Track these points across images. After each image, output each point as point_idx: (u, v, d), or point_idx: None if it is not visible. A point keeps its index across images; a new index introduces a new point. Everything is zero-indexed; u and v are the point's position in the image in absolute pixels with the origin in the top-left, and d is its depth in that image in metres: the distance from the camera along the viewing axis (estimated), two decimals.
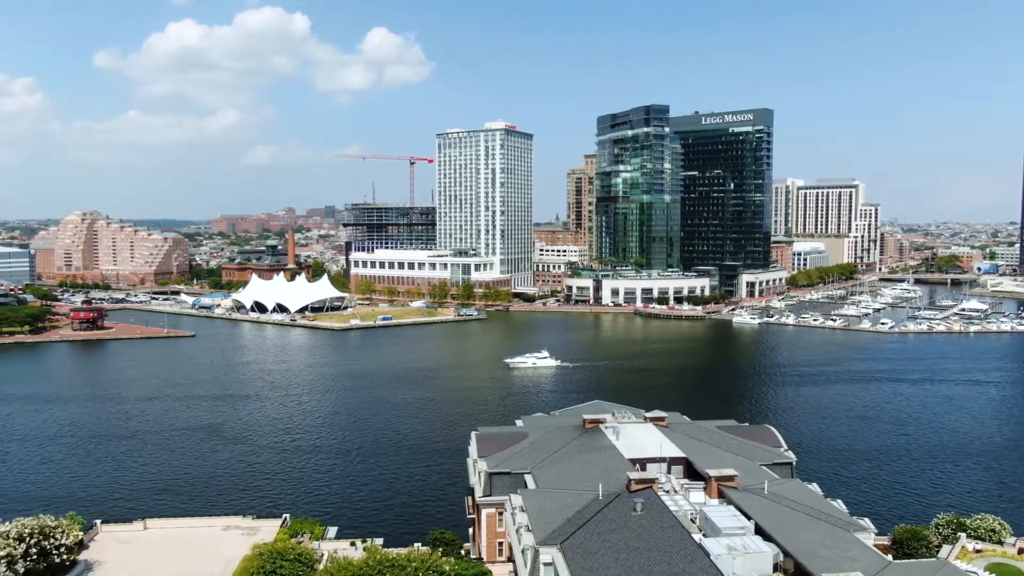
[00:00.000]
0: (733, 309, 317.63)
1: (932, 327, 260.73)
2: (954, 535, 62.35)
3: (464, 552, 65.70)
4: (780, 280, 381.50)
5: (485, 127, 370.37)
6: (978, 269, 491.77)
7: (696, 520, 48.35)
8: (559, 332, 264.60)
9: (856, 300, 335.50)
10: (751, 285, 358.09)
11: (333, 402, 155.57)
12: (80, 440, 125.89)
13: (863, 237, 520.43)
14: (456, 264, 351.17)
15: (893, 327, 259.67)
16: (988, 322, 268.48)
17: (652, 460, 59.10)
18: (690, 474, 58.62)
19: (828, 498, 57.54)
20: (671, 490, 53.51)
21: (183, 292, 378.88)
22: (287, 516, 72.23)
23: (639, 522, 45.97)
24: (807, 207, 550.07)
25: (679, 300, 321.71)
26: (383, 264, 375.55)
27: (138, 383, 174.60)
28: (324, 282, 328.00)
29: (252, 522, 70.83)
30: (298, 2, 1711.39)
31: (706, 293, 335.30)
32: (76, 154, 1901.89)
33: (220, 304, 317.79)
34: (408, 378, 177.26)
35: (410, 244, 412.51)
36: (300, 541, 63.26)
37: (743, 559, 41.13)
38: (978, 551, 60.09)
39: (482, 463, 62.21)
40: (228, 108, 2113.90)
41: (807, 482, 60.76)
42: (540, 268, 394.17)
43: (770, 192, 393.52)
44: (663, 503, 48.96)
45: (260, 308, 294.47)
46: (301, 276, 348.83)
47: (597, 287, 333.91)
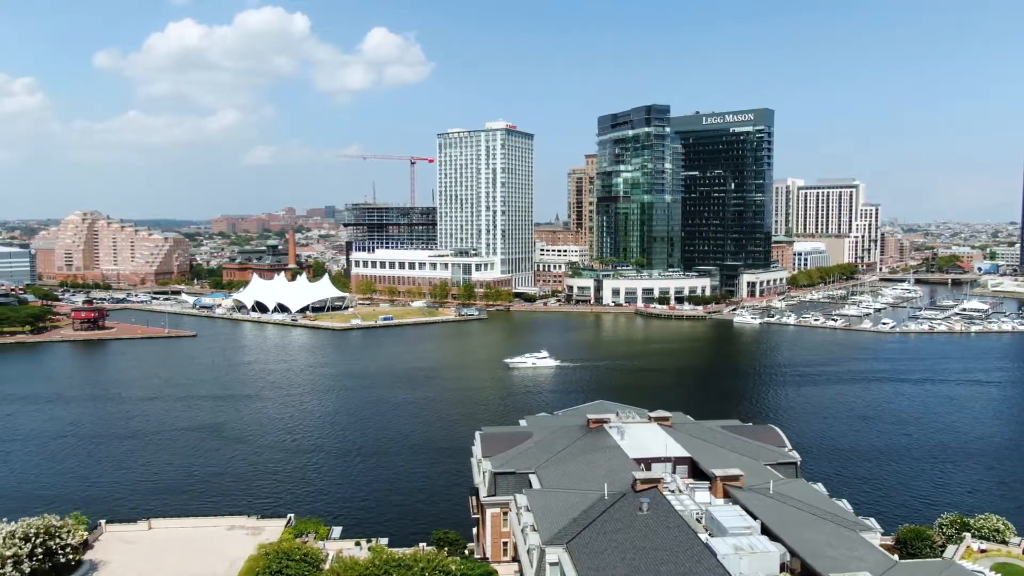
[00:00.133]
0: (734, 309, 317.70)
1: (933, 327, 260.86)
2: (958, 535, 62.25)
3: (468, 552, 65.67)
4: (781, 280, 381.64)
5: (486, 127, 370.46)
6: (978, 269, 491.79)
7: (702, 520, 48.39)
8: (560, 332, 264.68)
9: (857, 300, 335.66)
10: (752, 285, 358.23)
11: (334, 402, 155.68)
12: (82, 440, 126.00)
13: (863, 237, 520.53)
14: (457, 264, 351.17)
15: (894, 327, 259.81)
16: (989, 322, 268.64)
17: (657, 460, 59.07)
18: (695, 474, 58.68)
19: (833, 498, 57.55)
20: (676, 490, 53.57)
21: (184, 292, 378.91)
22: (291, 516, 72.04)
23: (645, 522, 45.92)
24: (807, 207, 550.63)
25: (680, 300, 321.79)
26: (384, 264, 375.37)
27: (139, 383, 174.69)
28: (325, 282, 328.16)
29: (256, 522, 70.74)
30: (298, 2, 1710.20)
31: (707, 293, 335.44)
32: (76, 154, 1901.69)
33: (221, 304, 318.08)
34: (409, 378, 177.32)
35: (411, 244, 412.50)
36: (305, 541, 63.19)
37: (750, 559, 41.11)
38: (983, 551, 60.01)
39: (487, 463, 62.10)
40: (228, 108, 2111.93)
41: (811, 482, 60.75)
42: (541, 268, 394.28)
43: (770, 192, 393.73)
44: (669, 503, 48.90)
45: (261, 308, 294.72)
46: (302, 276, 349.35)
47: (598, 287, 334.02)
